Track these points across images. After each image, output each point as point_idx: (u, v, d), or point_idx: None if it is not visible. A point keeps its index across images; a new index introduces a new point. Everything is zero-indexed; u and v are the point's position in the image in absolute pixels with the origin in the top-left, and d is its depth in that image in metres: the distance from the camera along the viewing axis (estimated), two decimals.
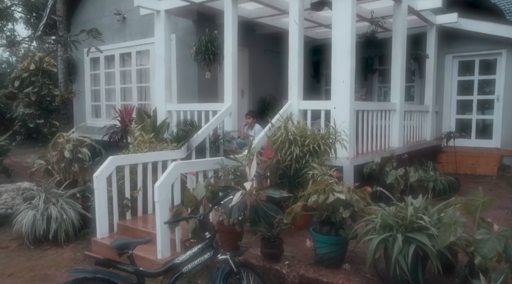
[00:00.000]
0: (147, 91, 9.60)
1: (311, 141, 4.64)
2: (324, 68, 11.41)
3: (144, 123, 6.34)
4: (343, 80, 5.44)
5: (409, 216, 2.96)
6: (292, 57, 6.00)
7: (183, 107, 7.47)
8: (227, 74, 6.77)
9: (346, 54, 5.40)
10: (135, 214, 5.33)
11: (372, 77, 10.67)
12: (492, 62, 9.03)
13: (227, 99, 6.77)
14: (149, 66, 9.36)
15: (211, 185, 4.14)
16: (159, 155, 5.47)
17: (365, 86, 10.66)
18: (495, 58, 8.96)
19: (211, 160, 4.62)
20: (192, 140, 5.94)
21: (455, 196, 3.82)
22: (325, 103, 5.79)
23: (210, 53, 6.83)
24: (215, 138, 6.51)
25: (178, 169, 4.30)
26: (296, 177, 4.69)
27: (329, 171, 4.29)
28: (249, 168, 3.62)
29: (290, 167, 4.68)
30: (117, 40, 9.84)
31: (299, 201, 3.80)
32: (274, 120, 5.57)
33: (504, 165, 8.72)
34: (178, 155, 5.74)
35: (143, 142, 5.61)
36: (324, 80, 11.50)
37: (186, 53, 8.50)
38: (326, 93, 11.40)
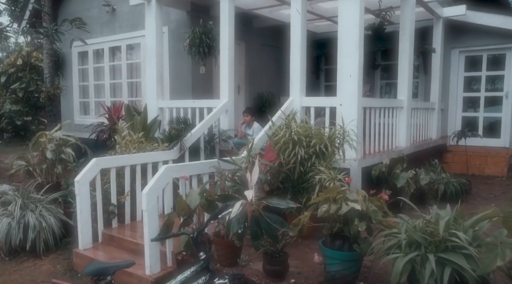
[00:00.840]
0: (138, 87, 9.09)
1: (317, 142, 4.18)
2: (323, 63, 10.95)
3: (133, 121, 5.84)
4: (350, 74, 4.98)
5: (442, 232, 2.50)
6: (294, 50, 5.53)
7: (176, 104, 6.97)
8: (223, 69, 6.28)
9: (354, 46, 4.94)
10: (122, 221, 4.85)
11: (374, 73, 10.23)
12: (501, 57, 8.61)
13: (223, 95, 6.29)
14: (140, 60, 8.84)
15: (206, 191, 3.67)
16: (149, 157, 4.99)
17: (368, 82, 10.22)
18: (504, 53, 8.55)
19: (206, 163, 4.14)
20: (185, 140, 5.46)
21: (465, 200, 3.37)
22: (330, 100, 5.33)
23: (205, 46, 6.34)
24: (210, 138, 6.03)
25: (169, 173, 3.82)
26: (301, 182, 4.24)
27: (338, 176, 3.83)
28: (250, 174, 3.15)
29: (294, 171, 4.23)
30: (106, 33, 9.30)
31: (307, 210, 3.34)
32: (275, 118, 5.12)
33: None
34: (170, 156, 5.26)
35: (131, 142, 5.12)
36: (323, 76, 11.04)
37: (179, 46, 8.00)
38: (326, 90, 10.95)
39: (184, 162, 5.51)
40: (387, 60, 9.98)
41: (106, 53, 9.39)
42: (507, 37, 8.22)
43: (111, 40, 9.22)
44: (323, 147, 4.14)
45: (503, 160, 8.25)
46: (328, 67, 10.91)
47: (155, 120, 6.21)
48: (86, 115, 10.19)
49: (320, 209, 3.14)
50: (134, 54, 9.13)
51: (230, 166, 4.04)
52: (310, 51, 10.97)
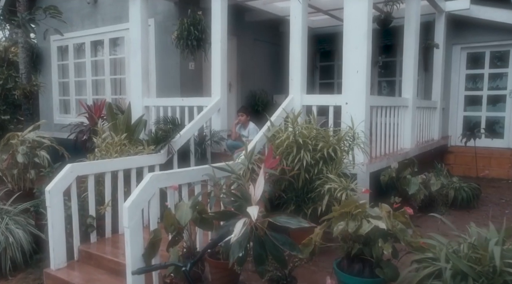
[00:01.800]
0: (122, 84, 8.48)
1: (325, 145, 3.68)
2: (318, 60, 10.48)
3: (115, 121, 5.27)
4: (358, 69, 4.50)
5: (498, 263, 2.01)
6: (294, 44, 5.01)
7: (163, 102, 6.41)
8: (215, 63, 5.74)
9: (361, 38, 4.45)
10: (103, 234, 4.28)
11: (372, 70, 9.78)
12: (504, 54, 8.25)
13: (215, 92, 5.75)
14: (124, 55, 8.23)
15: (199, 204, 3.14)
16: (133, 161, 4.44)
17: None
18: (508, 50, 8.18)
19: (198, 170, 3.60)
20: (173, 142, 4.91)
21: (476, 206, 2.91)
22: (334, 98, 4.84)
23: (193, 39, 5.78)
24: (201, 139, 5.49)
25: (156, 183, 3.28)
26: (306, 191, 3.74)
27: (351, 184, 3.34)
28: (253, 186, 2.63)
29: (298, 178, 3.72)
30: (88, 26, 8.66)
31: (319, 227, 2.84)
32: (274, 117, 4.61)
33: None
34: (157, 161, 4.72)
35: (113, 144, 4.55)
36: (318, 73, 10.57)
37: (166, 40, 7.42)
38: (321, 88, 10.48)
39: (172, 166, 4.98)
40: (386, 56, 9.57)
41: (88, 48, 8.75)
42: (511, 33, 7.85)
43: (93, 34, 8.58)
44: (331, 151, 3.63)
45: (508, 162, 7.89)
46: (323, 64, 10.45)
47: (140, 120, 5.64)
48: (67, 114, 9.53)
49: (335, 227, 2.64)
50: (117, 49, 8.52)
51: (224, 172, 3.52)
52: None
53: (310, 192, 3.70)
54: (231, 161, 4.08)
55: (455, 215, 5.24)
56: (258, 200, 2.57)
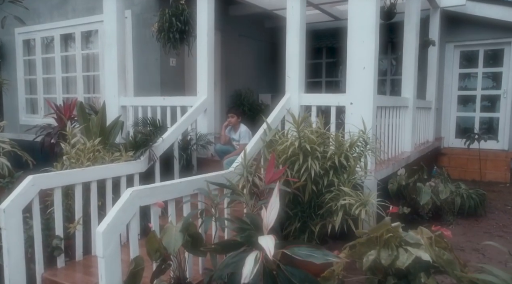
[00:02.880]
0: (96, 82, 7.76)
1: (336, 152, 3.17)
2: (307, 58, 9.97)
3: (87, 124, 4.62)
4: (364, 65, 4.01)
5: None
6: (292, 36, 4.49)
7: (142, 101, 5.77)
8: (201, 59, 5.16)
9: (369, 30, 3.97)
10: (73, 257, 3.64)
11: None
12: (499, 52, 7.98)
13: (201, 91, 5.17)
14: (98, 50, 7.53)
15: (191, 225, 2.57)
16: (108, 170, 3.81)
17: None
18: (502, 49, 7.91)
19: (188, 183, 3.02)
20: (155, 147, 4.31)
21: (483, 214, 2.48)
22: (337, 97, 4.34)
23: (176, 31, 5.17)
24: (185, 144, 4.90)
25: (137, 200, 2.69)
26: (313, 206, 3.22)
27: (371, 199, 2.84)
28: (265, 209, 2.07)
29: (304, 190, 3.20)
30: (57, 17, 7.89)
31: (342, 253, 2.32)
32: (271, 119, 4.08)
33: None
34: (136, 169, 4.11)
35: (85, 151, 3.91)
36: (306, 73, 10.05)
37: (145, 34, 6.78)
38: (309, 87, 9.97)
39: (154, 175, 4.38)
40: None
41: (57, 42, 7.98)
42: (506, 30, 7.58)
43: (62, 26, 7.82)
44: (343, 158, 3.12)
45: (504, 164, 7.62)
46: (312, 62, 9.97)
47: (116, 121, 5.00)
48: (34, 114, 8.72)
49: (365, 257, 2.12)
50: (91, 43, 7.80)
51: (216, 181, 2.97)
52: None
53: (319, 208, 3.18)
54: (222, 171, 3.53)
55: (464, 225, 4.84)
56: (271, 227, 2.03)
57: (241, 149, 4.68)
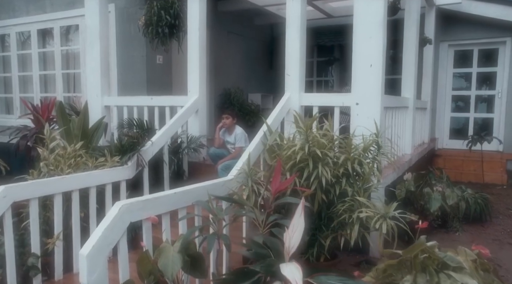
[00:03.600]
0: (77, 80, 7.29)
1: (348, 158, 2.86)
2: None
3: (68, 125, 4.21)
4: (372, 63, 3.73)
5: None
6: (291, 33, 4.18)
7: (127, 101, 5.37)
8: (192, 56, 4.80)
9: (376, 25, 3.69)
10: (51, 276, 3.25)
11: None
12: (493, 52, 7.84)
13: (193, 90, 4.80)
14: (78, 46, 7.06)
15: (191, 244, 2.22)
16: (92, 178, 3.42)
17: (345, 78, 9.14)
18: (497, 48, 7.79)
19: (184, 194, 2.67)
20: (143, 151, 3.93)
21: (488, 219, 2.24)
22: (341, 97, 4.05)
23: (165, 25, 4.79)
24: (176, 147, 4.53)
25: (127, 215, 2.32)
26: (324, 217, 2.90)
27: (393, 212, 2.54)
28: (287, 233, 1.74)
29: (313, 200, 2.88)
30: (34, 11, 7.39)
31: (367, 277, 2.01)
32: (271, 120, 3.76)
33: (509, 171, 7.59)
34: (123, 176, 3.73)
35: (65, 156, 3.51)
36: None
37: (130, 29, 6.38)
38: None
39: (142, 182, 4.00)
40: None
41: (34, 37, 7.48)
42: (501, 29, 7.45)
43: (40, 21, 7.32)
44: (357, 165, 2.82)
45: (500, 166, 7.49)
46: None
47: (100, 123, 4.60)
48: (9, 114, 8.18)
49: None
50: (71, 39, 7.32)
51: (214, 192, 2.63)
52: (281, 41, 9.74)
53: (329, 219, 2.87)
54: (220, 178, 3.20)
55: (471, 231, 4.62)
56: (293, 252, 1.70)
57: (237, 153, 4.35)
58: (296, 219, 1.73)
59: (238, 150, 4.31)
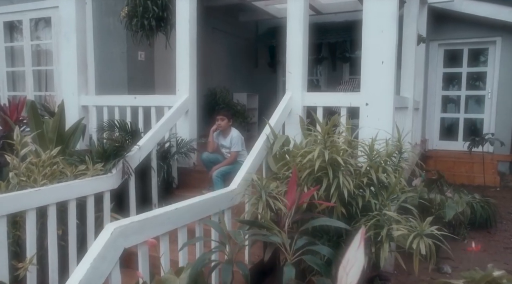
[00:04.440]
0: (50, 78, 6.71)
1: (371, 165, 2.52)
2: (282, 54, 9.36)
3: (42, 128, 3.71)
4: (383, 60, 3.42)
5: None
6: (293, 27, 3.82)
7: (108, 100, 4.88)
8: (182, 51, 4.36)
9: (389, 18, 3.38)
10: None
11: (342, 67, 8.94)
12: (483, 52, 7.75)
13: (182, 89, 4.37)
14: (51, 41, 6.49)
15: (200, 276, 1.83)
16: (71, 189, 2.96)
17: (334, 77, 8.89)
18: (487, 48, 7.69)
19: (187, 209, 2.26)
20: (129, 157, 3.49)
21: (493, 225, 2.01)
22: (349, 97, 3.71)
23: (151, 17, 4.34)
24: (164, 152, 4.09)
25: (120, 241, 1.90)
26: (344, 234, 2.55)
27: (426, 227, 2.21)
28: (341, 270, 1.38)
29: (331, 214, 2.53)
30: (0, 2, 6.76)
31: None
32: (273, 122, 3.40)
33: (500, 173, 7.51)
34: (106, 185, 3.27)
35: (39, 165, 3.03)
36: (281, 69, 9.43)
37: (108, 22, 5.88)
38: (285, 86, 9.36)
39: (128, 192, 3.55)
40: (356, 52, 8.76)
41: (1, 30, 6.83)
42: (491, 29, 7.34)
43: (7, 12, 6.69)
44: (381, 173, 2.49)
45: (491, 167, 7.38)
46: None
47: (78, 125, 4.11)
48: None
49: None
50: (42, 32, 6.73)
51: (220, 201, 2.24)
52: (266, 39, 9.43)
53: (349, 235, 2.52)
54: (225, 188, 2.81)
55: (478, 239, 4.38)
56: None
57: (233, 158, 3.96)
58: (353, 252, 1.36)
59: (234, 155, 3.92)
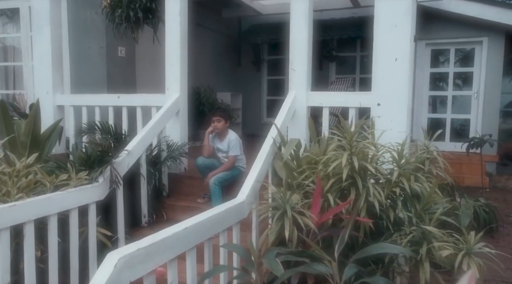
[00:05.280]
0: (18, 75, 6.14)
1: (402, 173, 2.25)
2: (267, 53, 9.09)
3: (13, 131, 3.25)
4: (397, 56, 3.17)
5: None
6: (297, 20, 3.51)
7: (87, 100, 4.42)
8: (172, 45, 3.99)
9: (403, 12, 3.16)
10: None
11: (329, 66, 8.73)
12: (470, 52, 7.71)
13: (173, 87, 4.00)
14: (19, 34, 5.92)
15: None
16: (52, 203, 2.55)
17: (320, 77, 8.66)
18: (473, 48, 7.65)
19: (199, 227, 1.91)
20: (117, 164, 3.09)
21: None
22: (358, 97, 3.44)
23: (138, 8, 3.94)
24: (154, 157, 3.69)
25: (126, 273, 1.53)
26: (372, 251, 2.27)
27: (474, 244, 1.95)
28: None
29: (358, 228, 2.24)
30: None
31: None
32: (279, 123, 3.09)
33: (488, 173, 7.49)
34: (92, 196, 2.87)
35: (13, 175, 2.59)
36: (266, 68, 9.15)
37: (85, 15, 5.40)
38: (270, 86, 9.09)
39: (116, 204, 3.15)
40: (342, 51, 8.58)
41: None
42: (478, 29, 7.30)
43: None
44: (413, 182, 2.22)
45: (479, 168, 7.32)
46: (273, 58, 9.07)
47: (54, 127, 3.66)
48: None
49: None
50: (9, 25, 6.14)
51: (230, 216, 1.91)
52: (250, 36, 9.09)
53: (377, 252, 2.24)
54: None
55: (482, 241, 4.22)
56: None
57: (231, 163, 3.62)
58: None
59: (232, 160, 3.57)
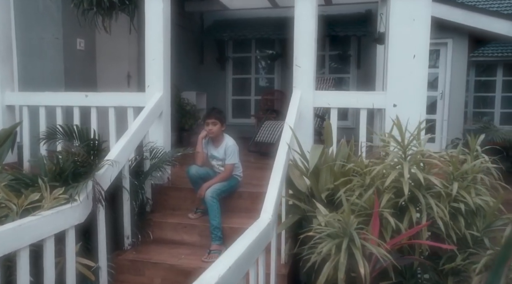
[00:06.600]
0: None
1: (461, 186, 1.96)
2: (231, 50, 8.63)
3: None
4: (415, 53, 2.92)
5: None
6: (303, 8, 3.14)
7: (45, 99, 3.73)
8: (153, 36, 3.43)
9: (421, 5, 2.89)
10: None
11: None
12: (435, 53, 7.82)
13: (154, 84, 3.44)
14: None
15: None
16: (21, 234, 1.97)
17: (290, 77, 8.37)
18: (438, 49, 7.77)
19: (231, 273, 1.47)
20: (99, 176, 2.52)
21: None
22: (371, 96, 3.14)
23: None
24: (136, 166, 3.14)
25: None
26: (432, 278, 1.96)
27: None
28: None
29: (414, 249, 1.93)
30: None
31: None
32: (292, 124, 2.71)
33: None
34: (71, 220, 2.31)
35: None
36: (231, 66, 8.68)
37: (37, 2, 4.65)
38: (235, 84, 8.63)
39: (98, 226, 2.58)
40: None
41: None
42: (443, 31, 7.39)
43: None
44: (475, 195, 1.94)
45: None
46: (238, 56, 8.63)
47: (10, 132, 2.99)
48: None
49: None
50: None
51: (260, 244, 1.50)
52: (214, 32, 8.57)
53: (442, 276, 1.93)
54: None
55: None
56: None
57: (228, 172, 3.16)
58: None
59: (229, 168, 3.11)
